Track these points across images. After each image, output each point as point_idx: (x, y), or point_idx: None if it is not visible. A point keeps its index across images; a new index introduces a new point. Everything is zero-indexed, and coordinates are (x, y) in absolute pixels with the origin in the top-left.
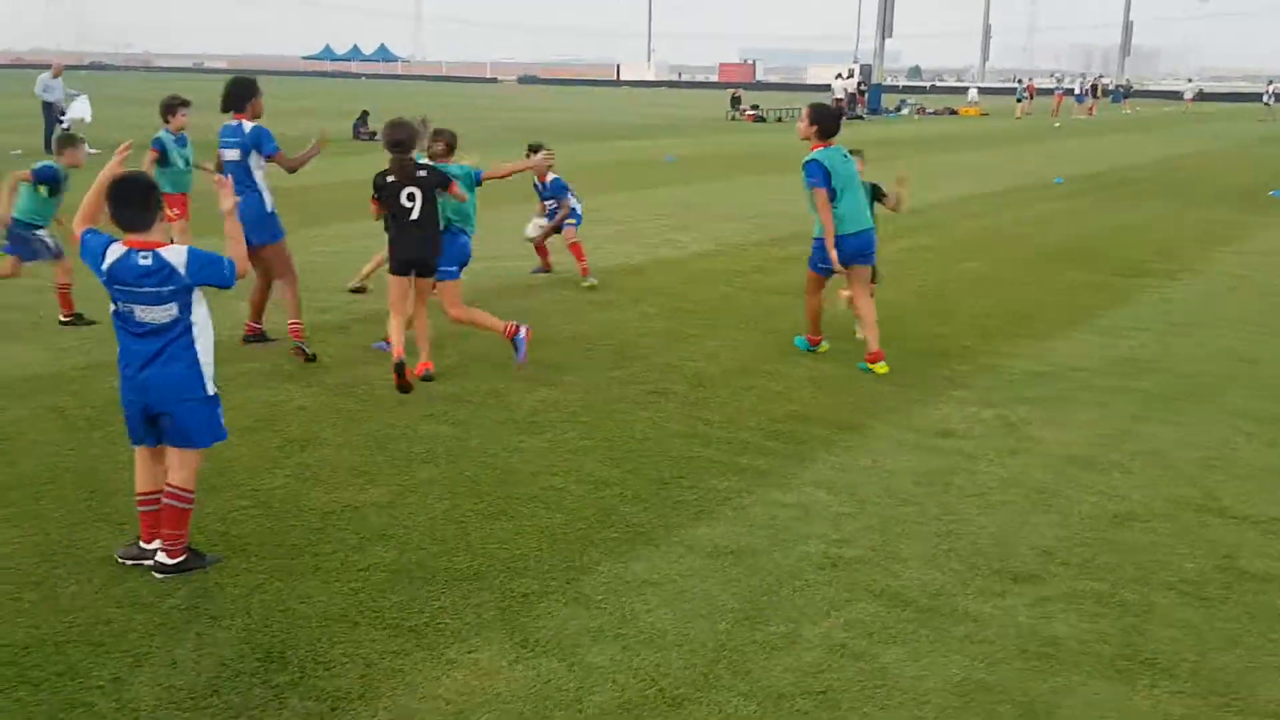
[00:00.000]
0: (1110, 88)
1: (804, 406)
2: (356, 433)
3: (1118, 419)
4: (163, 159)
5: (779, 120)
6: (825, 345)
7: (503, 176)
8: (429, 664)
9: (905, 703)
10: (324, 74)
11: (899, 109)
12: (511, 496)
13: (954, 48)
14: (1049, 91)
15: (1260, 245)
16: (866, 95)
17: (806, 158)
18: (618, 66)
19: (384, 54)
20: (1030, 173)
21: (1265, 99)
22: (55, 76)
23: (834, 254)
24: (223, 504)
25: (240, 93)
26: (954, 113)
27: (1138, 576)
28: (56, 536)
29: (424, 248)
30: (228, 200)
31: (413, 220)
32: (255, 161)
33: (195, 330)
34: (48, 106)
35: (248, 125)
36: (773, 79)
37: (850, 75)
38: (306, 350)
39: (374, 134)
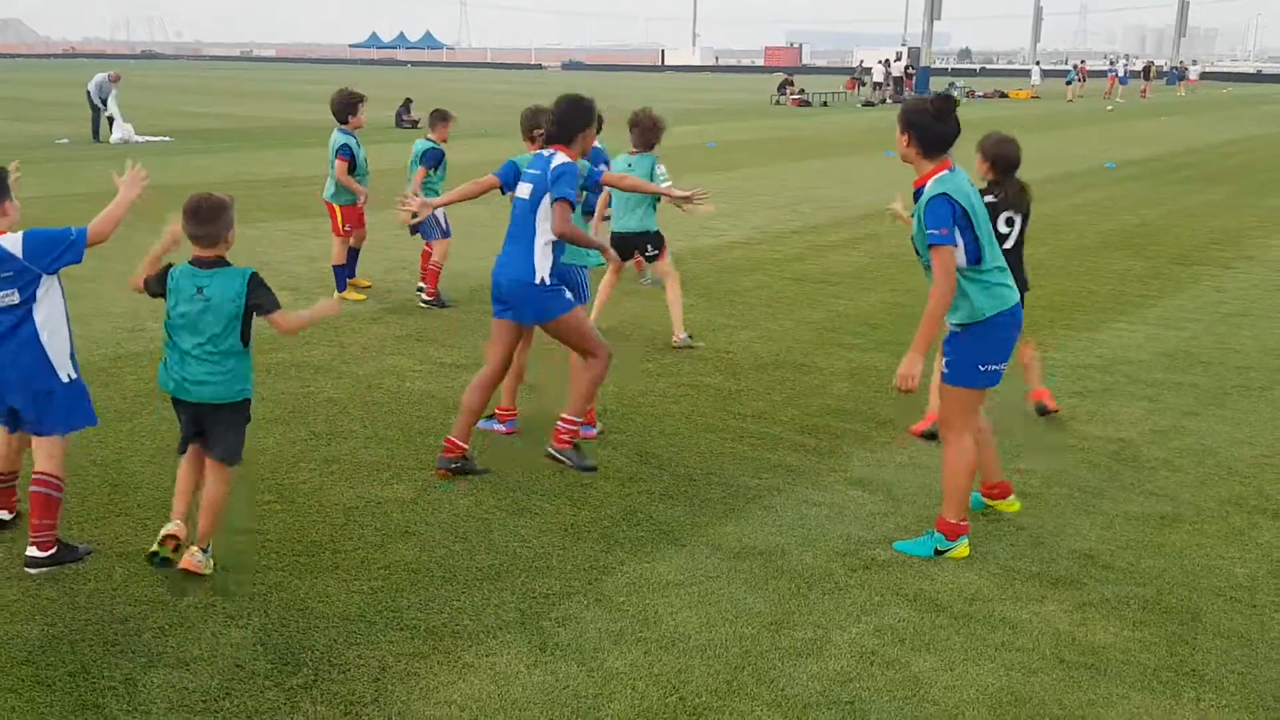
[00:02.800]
0: (1165, 69)
1: (840, 401)
2: (383, 426)
3: (1167, 414)
4: (352, 165)
5: (824, 104)
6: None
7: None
8: (445, 668)
9: (937, 714)
10: (370, 61)
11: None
12: (536, 493)
13: (1004, 30)
14: (1102, 73)
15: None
16: (914, 79)
17: (930, 192)
18: (662, 51)
19: (430, 41)
20: (1082, 157)
21: None
22: (114, 81)
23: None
24: (247, 498)
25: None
26: (1004, 95)
27: (1184, 581)
28: (78, 532)
29: None
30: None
31: None
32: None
33: (41, 317)
34: (91, 97)
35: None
36: (819, 63)
37: (899, 59)
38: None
39: (416, 122)
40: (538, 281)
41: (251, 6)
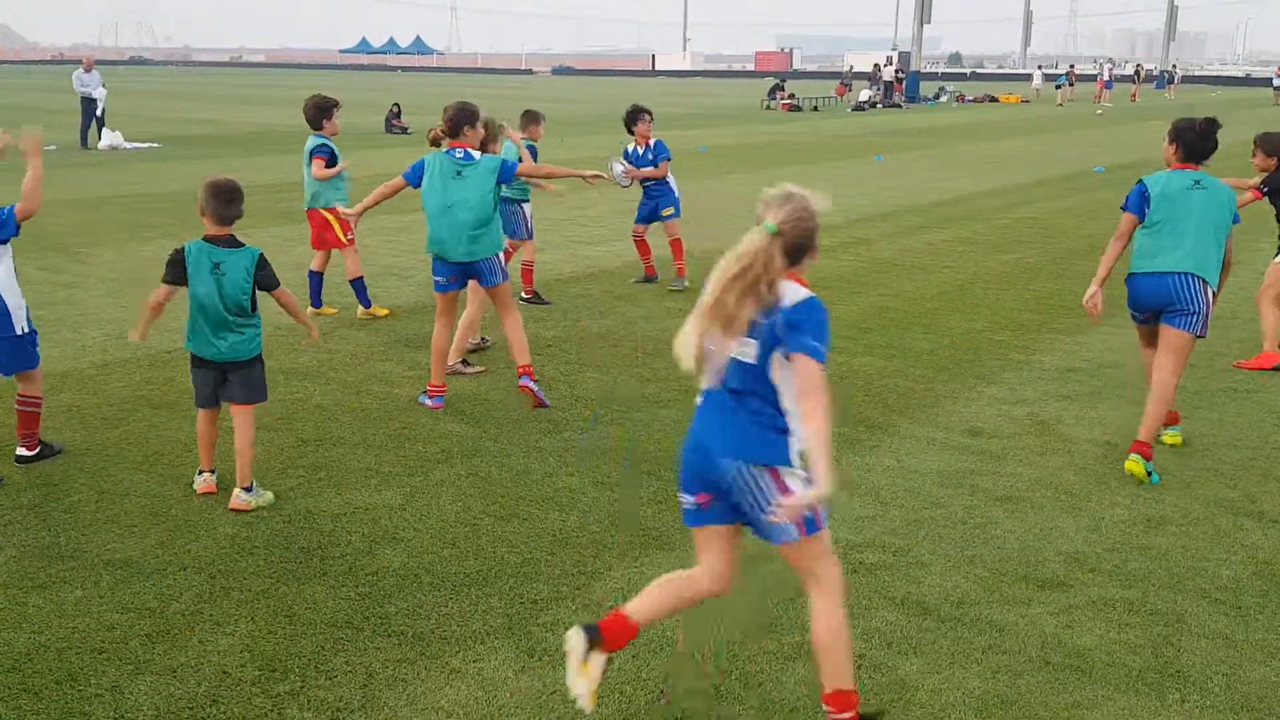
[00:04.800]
0: (1155, 73)
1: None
2: (372, 432)
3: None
4: (331, 163)
5: (815, 109)
6: (1174, 435)
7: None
8: (432, 673)
9: (923, 717)
10: (360, 67)
11: (938, 96)
12: (525, 498)
13: (995, 34)
14: (1092, 77)
15: None
16: (904, 83)
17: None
18: (653, 56)
19: (420, 47)
20: (1071, 161)
21: (1275, 83)
22: (88, 70)
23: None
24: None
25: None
26: (994, 100)
27: (1170, 584)
28: (65, 539)
29: None
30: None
31: None
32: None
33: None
34: (86, 102)
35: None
36: (810, 67)
37: (889, 63)
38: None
39: (406, 128)
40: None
41: (241, 11)
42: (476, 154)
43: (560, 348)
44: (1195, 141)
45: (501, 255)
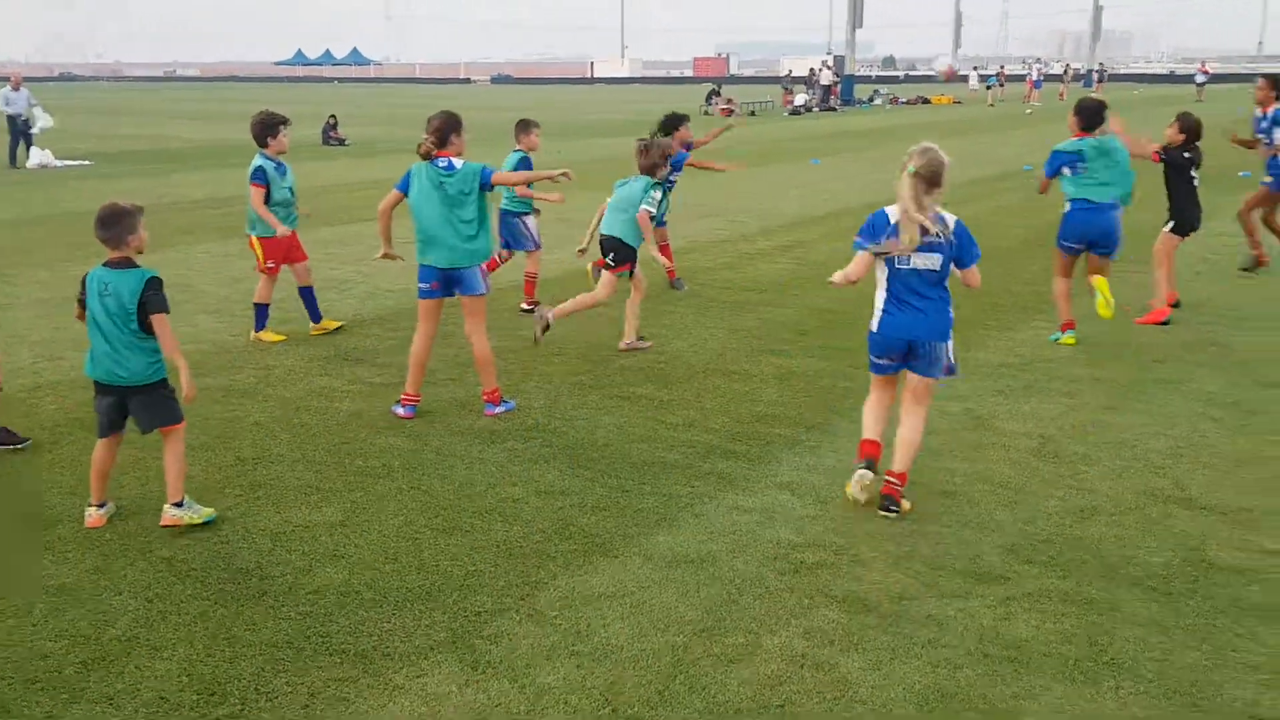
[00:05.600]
0: (1082, 72)
1: (770, 406)
2: (312, 448)
3: (1086, 409)
4: (268, 195)
5: (752, 114)
6: (1069, 337)
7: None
8: (375, 691)
9: (865, 714)
10: (296, 79)
11: (872, 99)
12: (467, 510)
13: (927, 37)
14: (1022, 77)
15: (1221, 228)
16: (839, 86)
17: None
18: (591, 64)
19: (357, 57)
20: (1001, 161)
21: (1198, 79)
22: (15, 89)
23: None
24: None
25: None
26: (927, 101)
27: (1103, 573)
28: None
29: None
30: None
31: None
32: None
33: None
34: (11, 120)
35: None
36: (748, 72)
37: (825, 67)
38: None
39: (343, 140)
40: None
41: (174, 25)
42: (459, 163)
43: (503, 356)
44: (1090, 116)
45: (484, 266)
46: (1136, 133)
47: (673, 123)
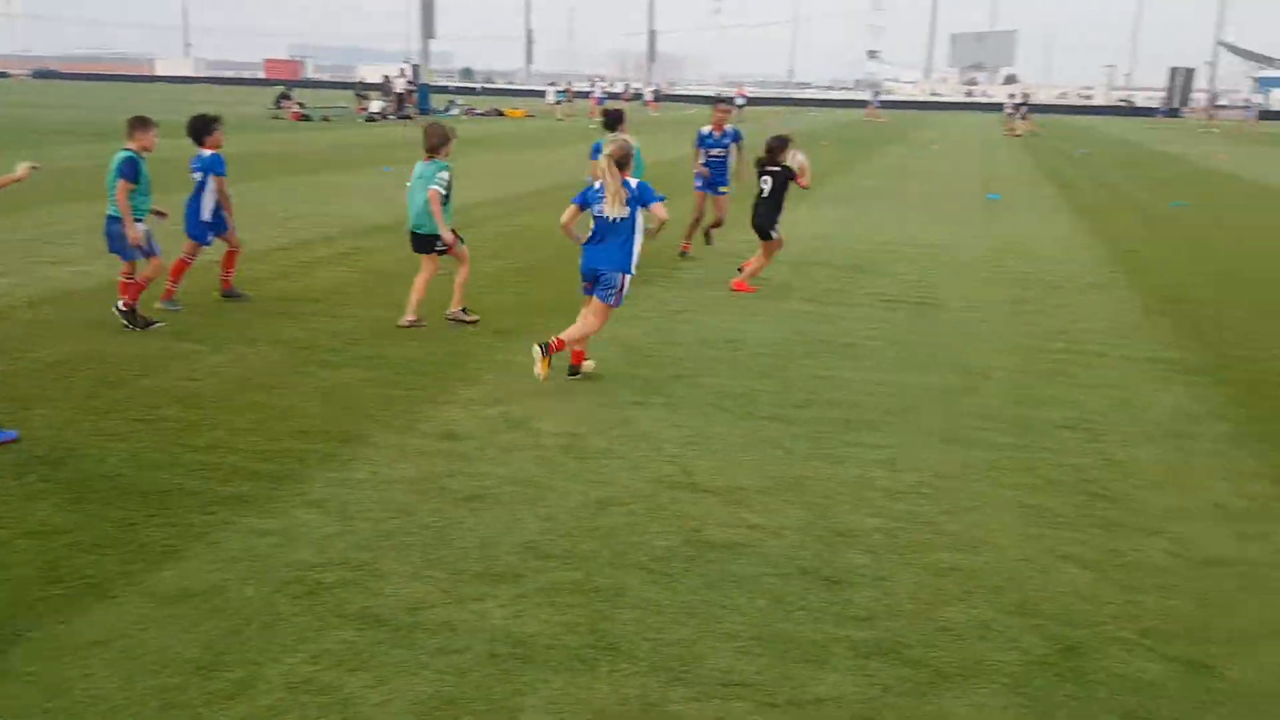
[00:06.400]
0: (641, 90)
1: (308, 421)
2: None
3: (615, 405)
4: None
5: (325, 119)
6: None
7: None
8: None
9: None
10: None
11: (448, 109)
12: None
13: (504, 50)
14: (589, 94)
15: (740, 234)
16: (416, 95)
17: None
18: (153, 61)
19: None
20: (567, 171)
21: (738, 101)
22: None
23: None
24: None
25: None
26: (501, 114)
27: (613, 560)
28: None
29: None
30: None
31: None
32: None
33: None
34: None
35: None
36: (324, 77)
37: (400, 75)
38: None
39: None
40: None
41: None
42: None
43: (7, 381)
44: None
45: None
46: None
47: (201, 126)
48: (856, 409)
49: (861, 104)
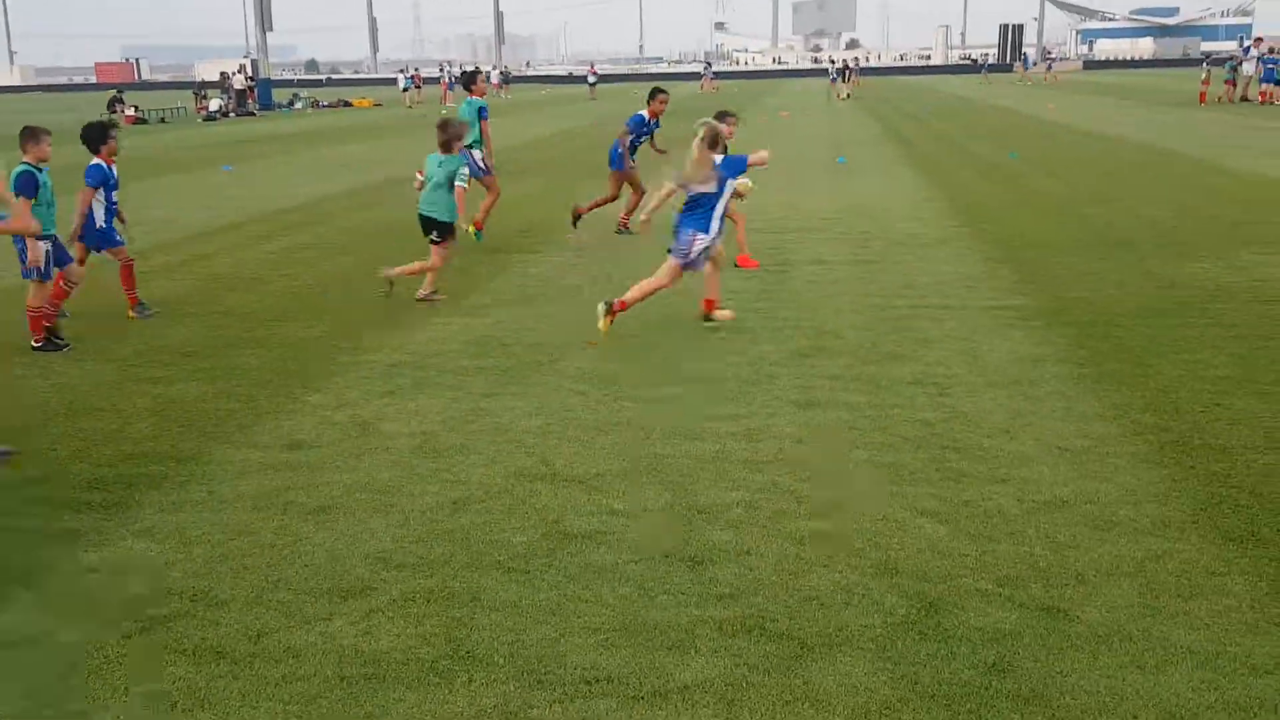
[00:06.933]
0: (491, 74)
1: (140, 443)
2: None
3: (468, 399)
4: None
5: (162, 121)
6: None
7: None
8: None
9: None
10: None
11: (292, 103)
12: None
13: (350, 41)
14: (438, 80)
15: (610, 216)
16: (256, 90)
17: None
18: None
19: None
20: (419, 159)
21: (589, 79)
22: None
23: None
24: None
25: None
26: (348, 104)
27: (469, 562)
28: None
29: None
30: None
31: None
32: None
33: None
34: None
35: None
36: (162, 78)
37: (239, 71)
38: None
39: None
40: None
41: None
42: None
43: None
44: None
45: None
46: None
47: (96, 135)
48: (714, 382)
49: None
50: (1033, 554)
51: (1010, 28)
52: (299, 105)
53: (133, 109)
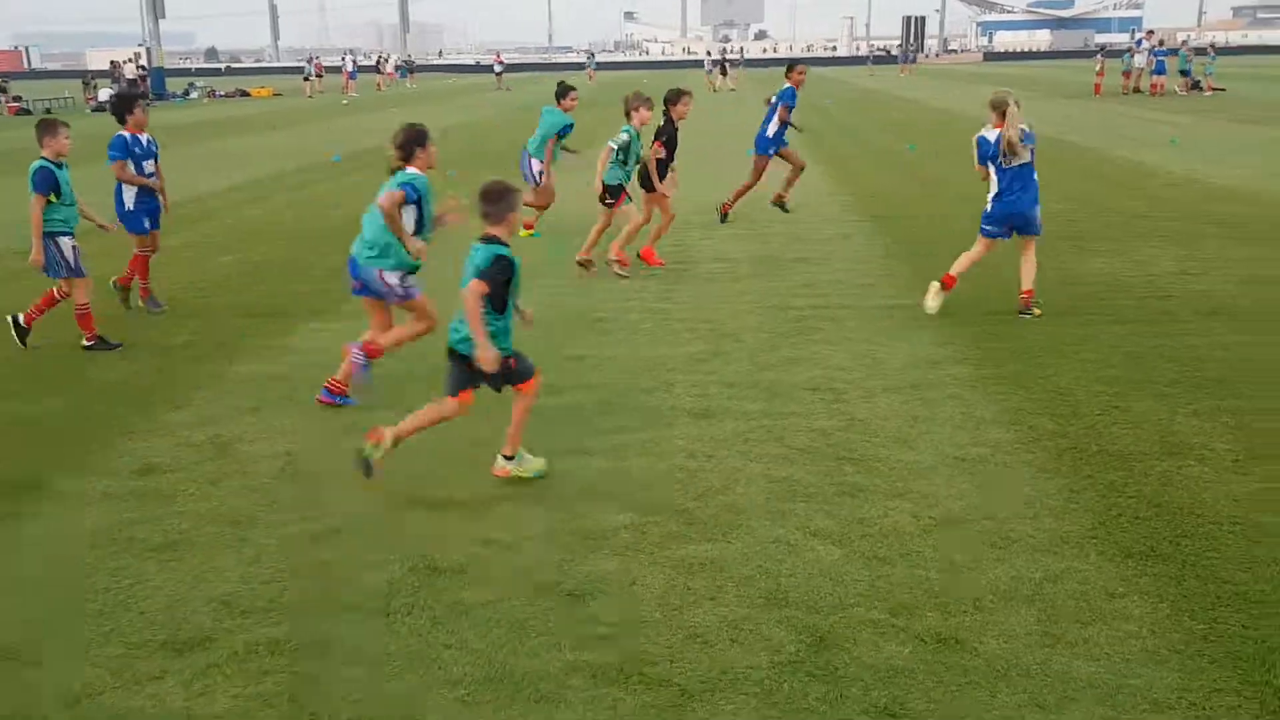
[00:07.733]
0: (396, 64)
1: None
2: None
3: (341, 416)
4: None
5: (48, 111)
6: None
7: None
8: None
9: None
10: None
11: (187, 93)
12: None
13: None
14: (339, 69)
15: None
16: (149, 79)
17: None
18: None
19: None
20: (313, 152)
21: (496, 69)
22: None
23: None
24: None
25: None
26: (246, 94)
27: (324, 605)
28: None
29: None
30: None
31: None
32: None
33: None
34: None
35: None
36: (54, 66)
37: (131, 59)
38: None
39: None
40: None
41: None
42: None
43: None
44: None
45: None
46: None
47: (123, 105)
48: (609, 390)
49: (617, 65)
50: (928, 578)
51: (913, 19)
52: (194, 95)
53: (15, 99)
